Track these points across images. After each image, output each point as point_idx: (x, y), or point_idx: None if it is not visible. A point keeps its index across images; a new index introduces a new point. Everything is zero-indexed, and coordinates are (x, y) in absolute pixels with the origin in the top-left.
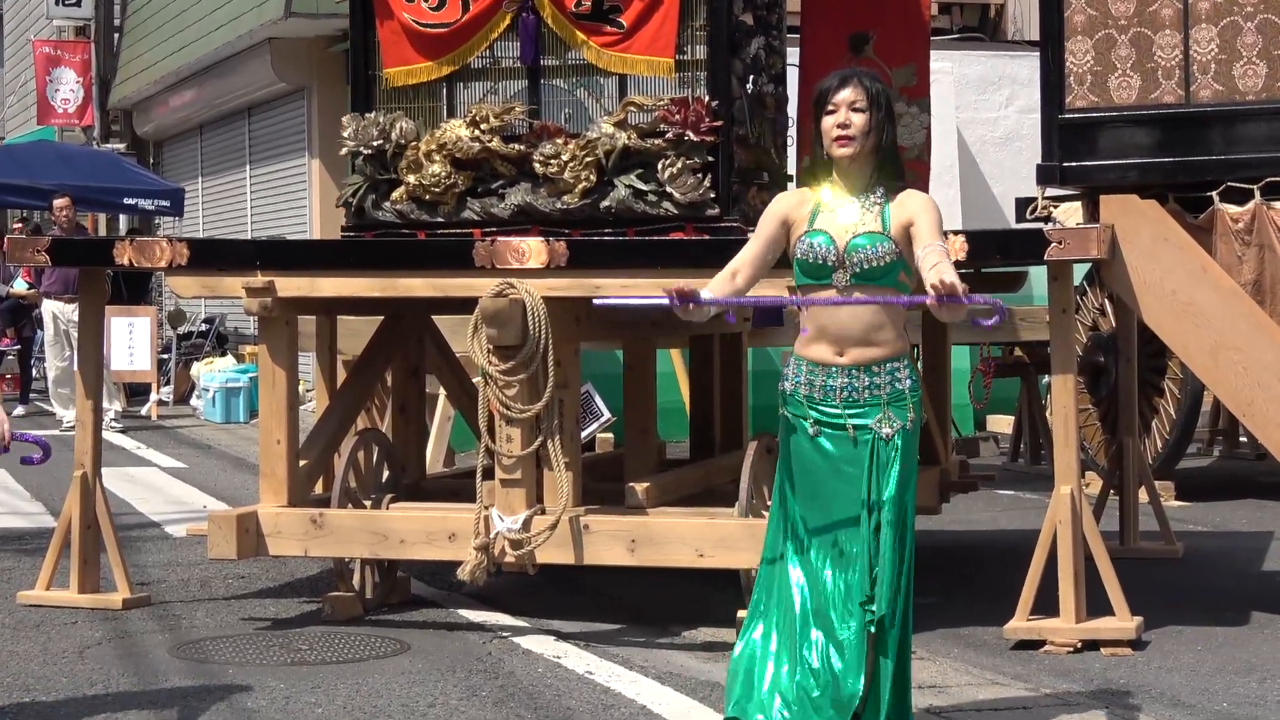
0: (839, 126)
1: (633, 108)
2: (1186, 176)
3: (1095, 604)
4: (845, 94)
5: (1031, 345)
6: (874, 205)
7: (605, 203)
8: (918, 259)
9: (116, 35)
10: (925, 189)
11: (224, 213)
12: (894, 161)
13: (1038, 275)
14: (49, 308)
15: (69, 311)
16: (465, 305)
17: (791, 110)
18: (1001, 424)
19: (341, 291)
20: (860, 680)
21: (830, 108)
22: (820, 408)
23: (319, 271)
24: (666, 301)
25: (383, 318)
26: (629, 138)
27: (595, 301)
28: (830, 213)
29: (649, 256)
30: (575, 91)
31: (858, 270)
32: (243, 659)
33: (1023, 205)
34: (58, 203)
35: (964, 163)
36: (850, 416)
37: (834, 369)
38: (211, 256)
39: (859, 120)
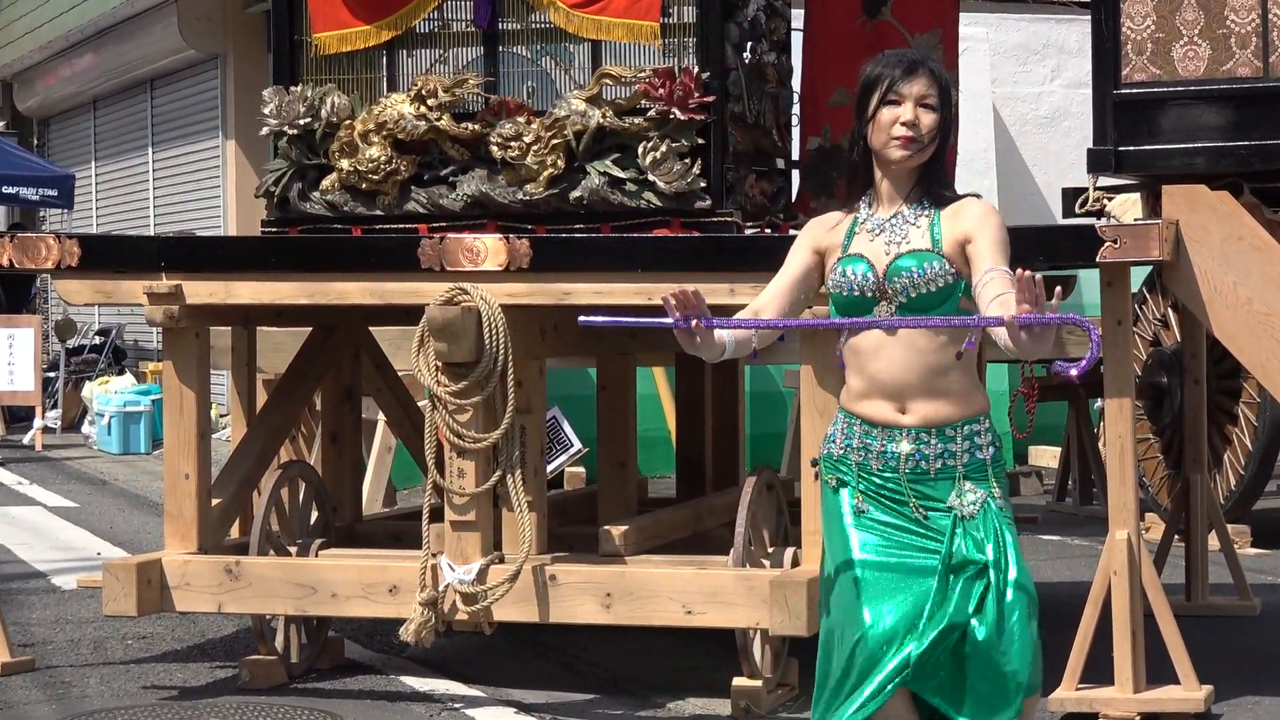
0: (905, 125)
1: (608, 80)
2: (1264, 164)
3: (1156, 670)
4: (916, 86)
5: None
6: (920, 217)
7: (575, 193)
8: (976, 285)
9: None
10: (951, 180)
11: (122, 204)
12: (943, 165)
13: (1089, 280)
14: None
15: None
16: (409, 315)
17: (796, 83)
18: (1046, 456)
19: (262, 298)
20: None
21: (894, 98)
22: (875, 478)
23: (235, 274)
24: (670, 323)
25: (311, 329)
26: (604, 116)
27: (581, 320)
28: (868, 232)
29: (628, 257)
30: (540, 61)
31: (904, 300)
32: None
33: (1071, 197)
34: None
35: (1001, 147)
36: (913, 494)
37: (897, 431)
38: (107, 256)
39: (929, 121)
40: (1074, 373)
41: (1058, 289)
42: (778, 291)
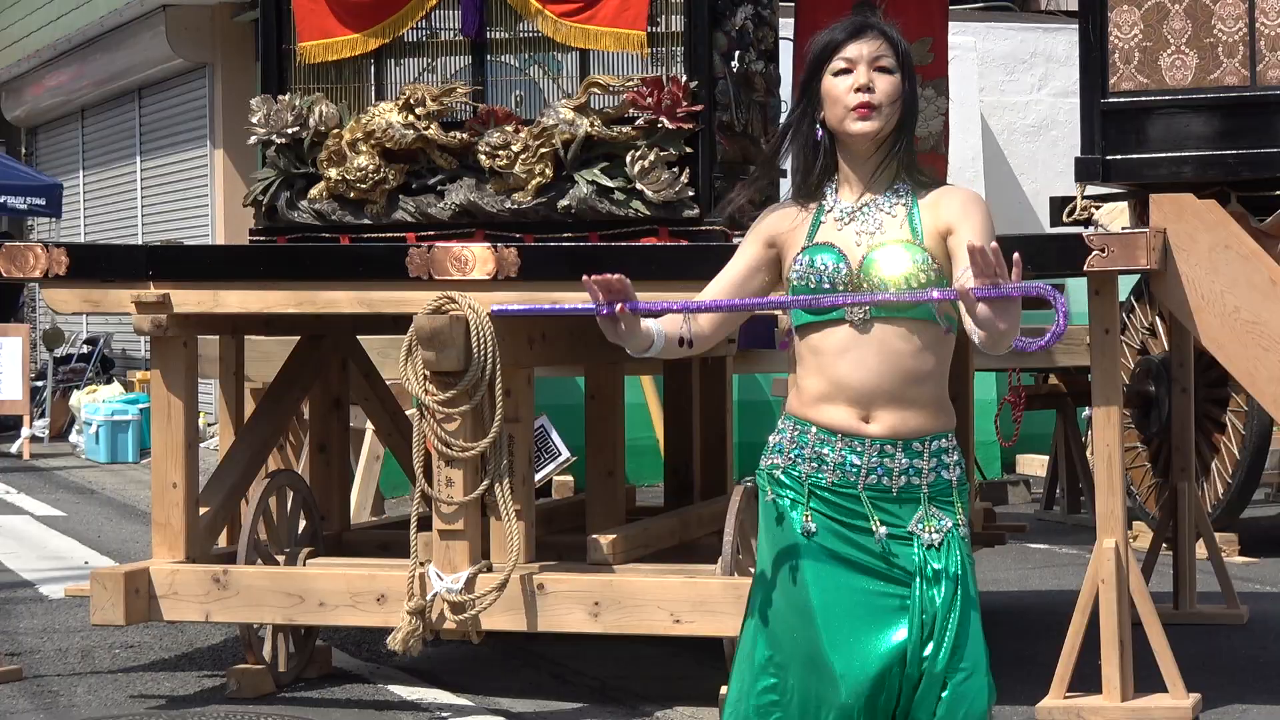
0: (859, 91)
1: (596, 89)
2: (1252, 172)
3: (1144, 678)
4: (864, 47)
5: (1069, 372)
6: (896, 205)
7: (563, 202)
8: (957, 281)
9: None
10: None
11: (110, 213)
12: (911, 147)
13: (1076, 289)
14: None
15: None
16: (397, 324)
17: (785, 92)
18: (1034, 465)
19: (250, 306)
20: None
21: (842, 65)
22: (827, 494)
23: (223, 283)
24: (591, 308)
25: (299, 338)
26: (592, 125)
27: (493, 308)
28: (834, 220)
29: (615, 266)
30: (528, 70)
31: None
32: None
33: (1058, 206)
34: None
35: (989, 155)
36: (877, 513)
37: (858, 441)
38: (95, 265)
39: (886, 84)
40: (1037, 347)
41: (1016, 256)
42: (720, 288)
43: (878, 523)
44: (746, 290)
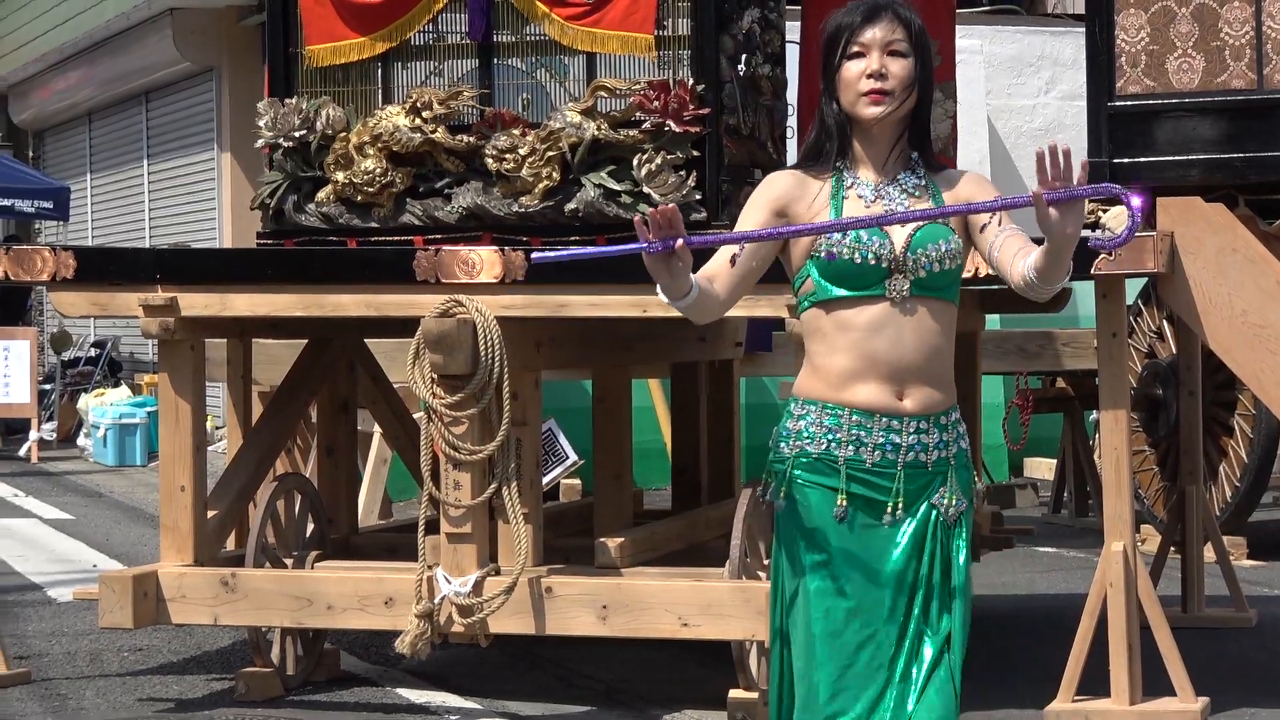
0: (872, 77)
1: (603, 93)
2: (1259, 175)
3: (1152, 682)
4: (877, 31)
5: (1077, 375)
6: (918, 188)
7: (571, 205)
8: (991, 249)
9: None
10: None
11: (117, 216)
12: (927, 129)
13: (1083, 292)
14: None
15: None
16: (405, 327)
17: (791, 96)
18: (1041, 468)
19: (257, 310)
20: None
21: (855, 49)
22: (868, 475)
23: (230, 286)
24: (640, 247)
25: (306, 341)
26: (599, 128)
27: (534, 256)
28: (858, 197)
29: (623, 269)
30: (535, 73)
31: (922, 275)
32: None
33: None
34: None
35: (996, 158)
36: (908, 491)
37: (896, 420)
38: (103, 268)
39: (899, 68)
40: (1115, 245)
41: (1083, 160)
42: (728, 256)
43: (898, 506)
44: (758, 257)
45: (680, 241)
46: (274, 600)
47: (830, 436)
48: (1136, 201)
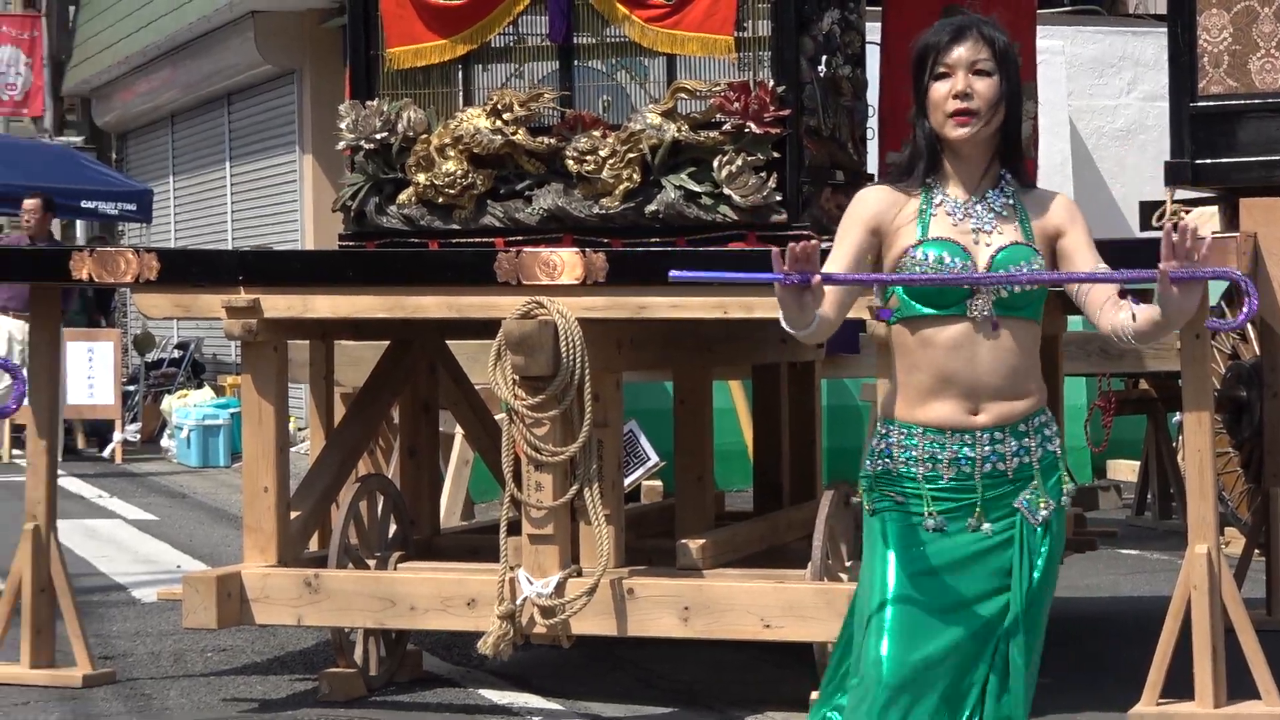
0: (957, 97)
1: (683, 94)
2: None
3: (1237, 685)
4: (962, 51)
5: (1160, 377)
6: (1005, 206)
7: (651, 206)
8: (1080, 288)
9: (72, 8)
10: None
11: (200, 218)
12: (1018, 146)
13: None
14: (4, 326)
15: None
16: (486, 328)
17: (872, 97)
18: (1124, 470)
19: (339, 311)
20: None
21: (941, 70)
22: (948, 491)
23: (312, 288)
24: (773, 277)
25: (388, 343)
26: (679, 130)
27: (672, 274)
28: (946, 214)
29: (703, 269)
30: (615, 75)
31: (1005, 295)
32: None
33: (1148, 210)
34: (28, 204)
35: (1078, 159)
36: (989, 500)
37: (968, 434)
38: (186, 270)
39: (985, 87)
40: (1228, 329)
41: (1208, 238)
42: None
43: (979, 516)
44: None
45: (817, 278)
46: (357, 601)
47: (908, 455)
48: (1252, 285)
